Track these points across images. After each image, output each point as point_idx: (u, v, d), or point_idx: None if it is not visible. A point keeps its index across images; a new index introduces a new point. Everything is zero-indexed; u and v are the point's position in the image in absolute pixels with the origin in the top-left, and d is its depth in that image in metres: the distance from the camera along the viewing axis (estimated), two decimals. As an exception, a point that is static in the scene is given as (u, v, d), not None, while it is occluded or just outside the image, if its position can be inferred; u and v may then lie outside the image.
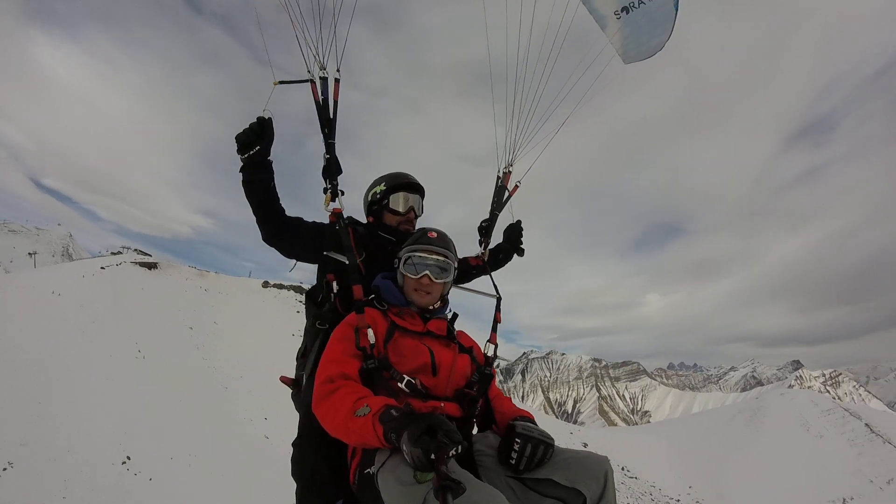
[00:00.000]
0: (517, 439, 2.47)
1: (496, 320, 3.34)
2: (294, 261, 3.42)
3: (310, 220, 3.42)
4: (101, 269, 33.42)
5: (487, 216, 4.07)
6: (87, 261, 39.63)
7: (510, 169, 4.01)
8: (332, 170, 3.36)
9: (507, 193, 4.03)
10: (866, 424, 66.71)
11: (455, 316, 3.24)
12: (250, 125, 3.10)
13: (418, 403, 2.59)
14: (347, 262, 3.10)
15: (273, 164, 3.24)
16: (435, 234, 3.16)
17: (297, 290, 48.04)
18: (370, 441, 2.21)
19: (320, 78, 3.42)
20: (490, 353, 3.18)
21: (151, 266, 37.87)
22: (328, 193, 3.36)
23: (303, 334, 3.44)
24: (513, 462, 2.45)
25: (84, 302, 27.93)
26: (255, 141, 3.08)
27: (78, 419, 17.90)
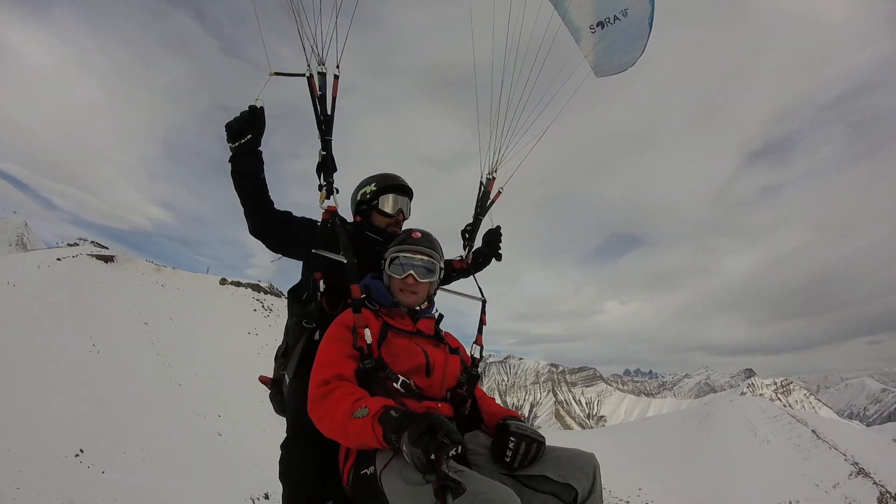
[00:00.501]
0: (512, 438, 2.51)
1: (482, 322, 3.41)
2: (279, 254, 3.39)
3: (299, 216, 3.40)
4: (57, 260, 33.06)
5: (463, 220, 4.14)
6: (43, 251, 39.02)
7: (494, 175, 4.04)
8: (328, 167, 3.33)
9: (490, 199, 4.08)
10: (813, 431, 69.54)
11: (441, 317, 3.25)
12: (241, 113, 3.05)
13: (413, 404, 2.60)
14: (345, 261, 3.08)
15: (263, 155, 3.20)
16: (419, 235, 3.17)
17: (255, 288, 47.98)
18: (369, 442, 2.22)
19: (318, 73, 3.37)
20: (476, 355, 3.25)
21: (108, 259, 37.55)
22: (323, 191, 3.33)
23: (283, 332, 3.40)
24: (507, 460, 2.49)
25: (40, 294, 27.71)
26: (247, 129, 3.03)
27: (32, 411, 18.23)
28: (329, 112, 3.37)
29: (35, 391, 19.79)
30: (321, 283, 3.14)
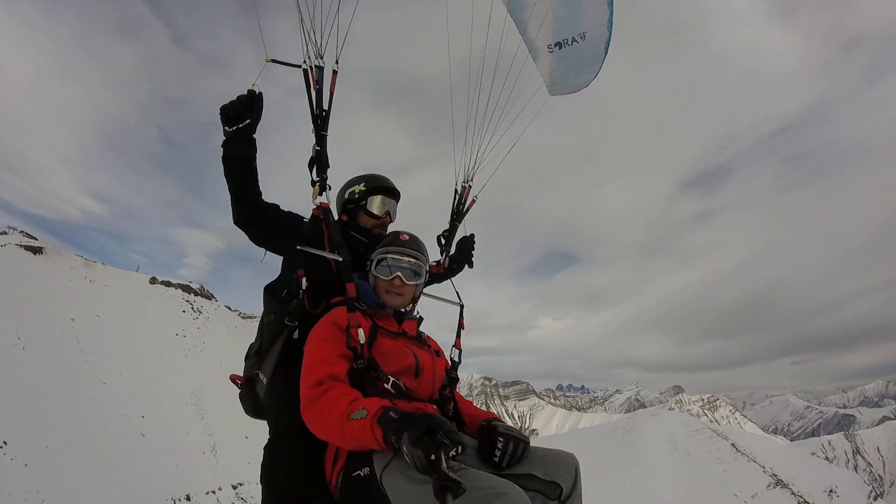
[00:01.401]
0: (500, 438, 2.54)
1: (460, 327, 3.42)
2: (263, 248, 3.31)
3: (286, 209, 3.34)
4: (-18, 249, 32.50)
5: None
6: (-33, 239, 37.92)
7: (470, 183, 4.05)
8: (322, 163, 3.27)
9: (465, 207, 4.11)
10: (732, 444, 73.26)
11: (421, 319, 3.26)
12: (238, 98, 2.94)
13: (403, 405, 2.58)
14: (341, 260, 3.03)
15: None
16: (407, 237, 3.16)
17: (185, 289, 47.60)
18: (368, 444, 2.21)
19: (316, 66, 3.30)
20: (455, 358, 3.25)
21: (37, 251, 36.74)
22: (317, 187, 3.26)
23: (258, 330, 3.29)
24: (496, 460, 2.51)
25: (-37, 284, 27.35)
26: (245, 114, 2.93)
27: (-45, 403, 18.37)
28: (326, 107, 3.31)
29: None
30: (304, 280, 3.06)
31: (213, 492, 26.34)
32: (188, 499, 24.17)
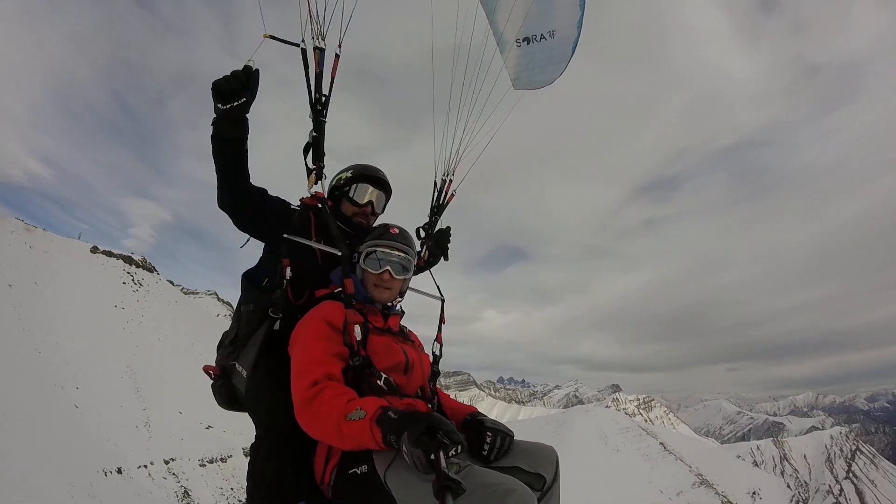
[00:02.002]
0: (488, 433, 2.56)
1: (441, 321, 3.39)
2: (246, 234, 3.17)
3: (273, 195, 3.20)
4: (-85, 207, 31.65)
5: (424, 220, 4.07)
6: None
7: (451, 177, 4.00)
8: (319, 150, 3.17)
9: (445, 200, 4.05)
10: (661, 443, 76.58)
11: (402, 313, 3.21)
12: (233, 73, 2.72)
13: (395, 401, 2.56)
14: (339, 254, 2.94)
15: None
16: (397, 231, 3.08)
17: (127, 260, 46.95)
18: (367, 445, 2.19)
19: (316, 48, 3.16)
20: (437, 353, 3.21)
21: (-26, 212, 35.91)
22: (313, 174, 3.14)
23: (233, 319, 3.18)
24: (485, 453, 2.53)
25: None
26: (240, 91, 2.73)
27: None
28: (327, 93, 3.19)
29: None
30: (288, 270, 2.94)
31: (146, 466, 26.99)
32: (119, 471, 24.59)
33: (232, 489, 30.57)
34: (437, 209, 4.03)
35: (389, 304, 3.07)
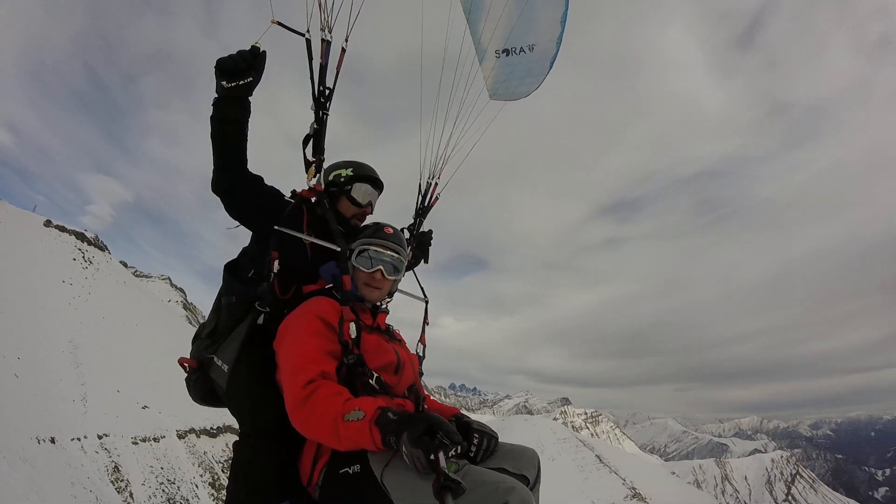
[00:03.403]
0: (475, 434, 2.57)
1: (425, 322, 3.41)
2: (236, 221, 3.07)
3: (269, 184, 3.11)
4: None
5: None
6: None
7: (437, 180, 4.00)
8: (319, 143, 3.13)
9: (429, 203, 4.05)
10: (597, 455, 78.15)
11: (387, 312, 3.17)
12: (240, 53, 2.64)
13: (387, 401, 2.52)
14: (339, 250, 2.90)
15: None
16: (391, 231, 3.05)
17: (80, 236, 47.11)
18: (365, 445, 2.19)
19: (322, 40, 3.11)
20: (421, 353, 3.24)
21: (-73, 176, 35.91)
22: (313, 167, 3.11)
23: (212, 310, 3.09)
24: (471, 454, 2.54)
25: None
26: (246, 71, 2.64)
27: None
28: (331, 86, 3.16)
29: None
30: (276, 263, 2.87)
31: (79, 439, 27.74)
32: (53, 441, 25.40)
33: (162, 468, 31.42)
34: (422, 211, 4.05)
35: (378, 303, 3.05)
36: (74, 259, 43.97)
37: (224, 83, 2.64)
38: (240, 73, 2.63)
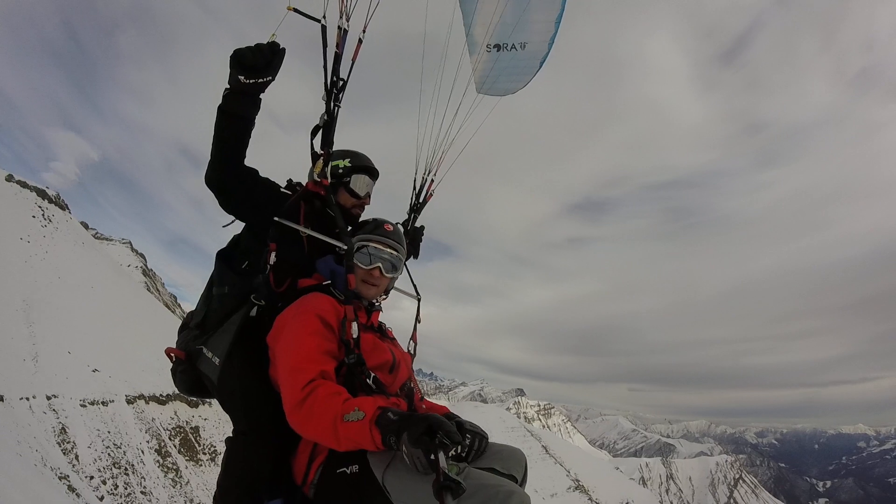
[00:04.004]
0: (467, 435, 2.53)
1: (417, 319, 3.38)
2: (231, 216, 3.02)
3: (263, 177, 3.06)
4: None
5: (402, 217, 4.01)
6: None
7: (433, 177, 3.98)
8: (329, 136, 3.03)
9: (424, 199, 4.02)
10: (543, 446, 79.73)
11: (380, 310, 3.14)
12: (258, 47, 2.55)
13: (383, 401, 2.45)
14: (346, 248, 2.82)
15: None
16: (391, 228, 3.01)
17: (41, 194, 46.38)
18: (364, 446, 2.17)
19: (339, 28, 3.01)
20: (411, 351, 3.21)
21: None
22: (320, 160, 3.01)
23: (201, 300, 3.01)
24: (462, 455, 2.54)
25: None
26: (264, 70, 2.58)
27: None
28: (346, 77, 3.05)
29: None
30: (273, 255, 2.82)
31: (28, 398, 27.89)
32: (1, 399, 25.67)
33: (109, 432, 31.66)
34: (417, 207, 4.00)
35: (374, 301, 3.02)
36: (34, 216, 43.31)
37: (241, 78, 2.58)
38: (258, 69, 2.58)
